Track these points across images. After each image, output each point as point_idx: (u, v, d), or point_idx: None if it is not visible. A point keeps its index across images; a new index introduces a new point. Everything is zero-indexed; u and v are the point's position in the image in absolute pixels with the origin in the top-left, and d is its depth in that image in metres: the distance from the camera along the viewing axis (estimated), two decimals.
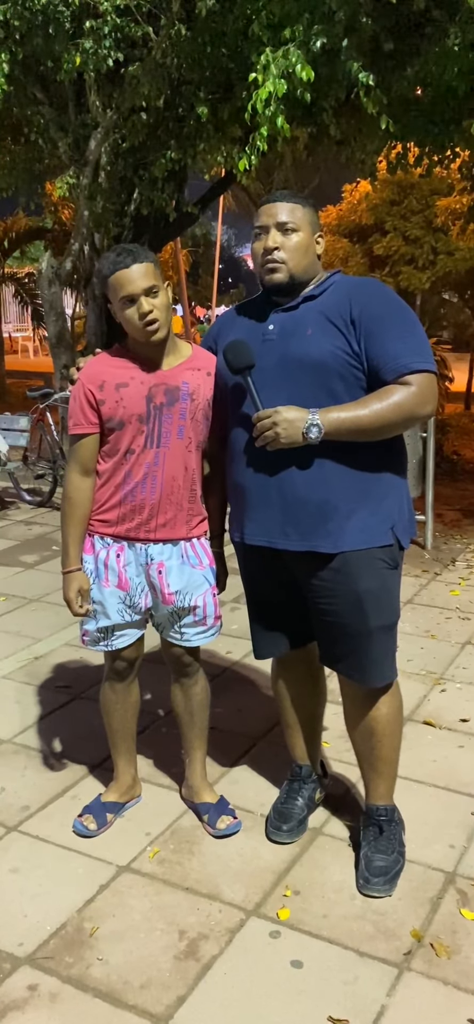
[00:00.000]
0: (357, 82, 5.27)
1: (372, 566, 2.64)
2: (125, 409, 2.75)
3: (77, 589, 2.84)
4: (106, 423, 2.78)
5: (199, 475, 2.91)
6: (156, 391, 2.76)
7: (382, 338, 2.53)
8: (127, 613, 2.91)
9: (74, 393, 2.82)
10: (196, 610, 2.91)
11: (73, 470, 2.86)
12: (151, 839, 3.00)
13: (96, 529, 2.88)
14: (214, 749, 3.44)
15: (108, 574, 2.87)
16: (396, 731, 2.84)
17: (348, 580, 2.63)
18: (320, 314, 2.60)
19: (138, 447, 2.78)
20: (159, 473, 2.80)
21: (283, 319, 2.66)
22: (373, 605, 2.66)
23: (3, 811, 3.17)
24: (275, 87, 5.03)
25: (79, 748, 3.57)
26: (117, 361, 2.82)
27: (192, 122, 7.49)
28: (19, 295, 18.55)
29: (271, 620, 2.95)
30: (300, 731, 3.10)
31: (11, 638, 4.79)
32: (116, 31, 6.69)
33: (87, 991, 2.37)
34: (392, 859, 2.78)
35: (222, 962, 2.46)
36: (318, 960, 2.46)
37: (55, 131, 8.08)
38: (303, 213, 2.66)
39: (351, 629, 2.68)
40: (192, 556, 2.90)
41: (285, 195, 2.71)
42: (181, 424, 2.79)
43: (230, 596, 5.16)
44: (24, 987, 2.38)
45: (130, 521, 2.83)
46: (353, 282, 2.71)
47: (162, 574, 2.85)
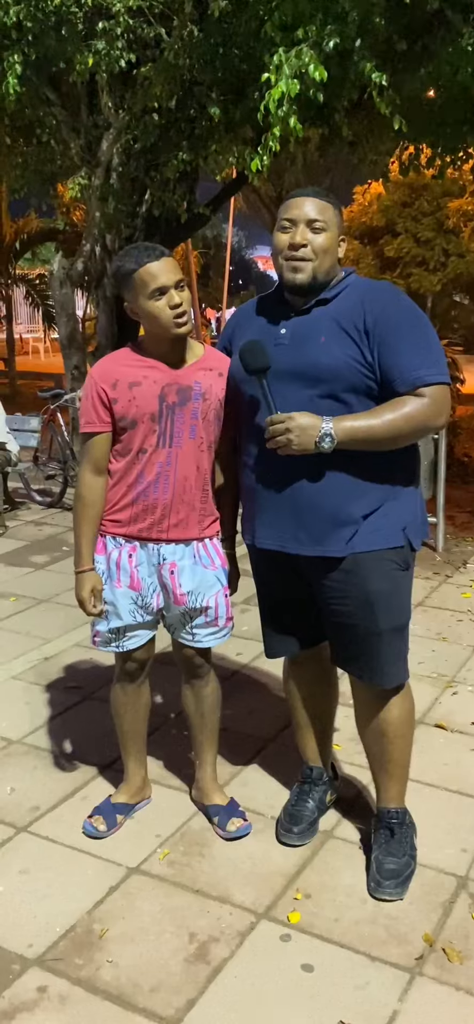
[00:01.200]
0: (370, 82, 5.25)
1: (383, 567, 2.62)
2: (138, 408, 2.74)
3: (90, 589, 2.83)
4: (119, 422, 2.78)
5: (211, 475, 2.90)
6: (168, 390, 2.75)
7: (396, 349, 2.51)
8: (139, 614, 2.90)
9: (86, 391, 2.81)
10: (208, 611, 2.89)
11: (86, 469, 2.85)
12: (161, 841, 2.99)
13: (108, 529, 2.87)
14: (225, 750, 3.43)
15: (120, 574, 2.86)
16: (407, 733, 2.82)
17: (359, 581, 2.62)
18: (333, 321, 2.57)
19: (150, 446, 2.77)
20: (171, 473, 2.79)
21: (296, 324, 2.63)
22: (384, 606, 2.64)
23: (13, 812, 3.16)
24: (288, 87, 5.01)
25: (89, 749, 3.56)
26: (130, 360, 2.81)
27: (204, 123, 7.47)
28: (30, 296, 18.59)
29: (283, 620, 2.93)
30: (312, 732, 3.09)
31: (21, 638, 4.79)
32: (128, 32, 6.68)
33: (97, 993, 2.35)
34: (403, 862, 2.76)
35: (232, 965, 2.44)
36: (329, 964, 2.44)
37: (67, 132, 8.08)
38: (333, 214, 2.64)
39: (361, 630, 2.67)
40: (204, 556, 2.89)
41: (317, 191, 2.68)
42: (193, 424, 2.78)
43: (241, 598, 5.13)
44: (34, 988, 2.37)
45: (142, 521, 2.82)
46: (367, 287, 2.67)
47: (174, 574, 2.84)
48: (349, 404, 2.53)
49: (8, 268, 17.54)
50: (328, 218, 2.61)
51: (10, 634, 4.87)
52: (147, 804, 3.17)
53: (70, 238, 15.25)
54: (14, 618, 5.13)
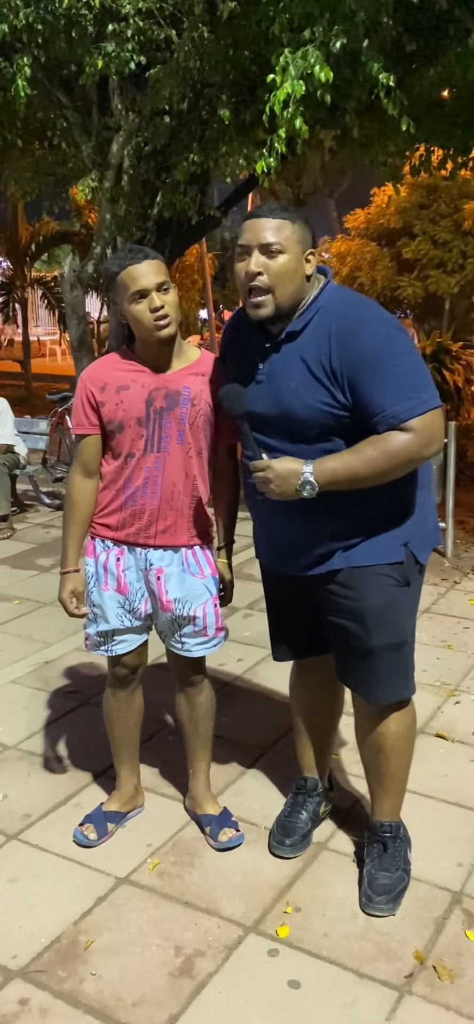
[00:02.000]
0: (377, 83, 5.19)
1: (378, 583, 2.56)
2: (125, 412, 2.71)
3: (71, 590, 2.82)
4: (107, 425, 2.75)
5: (203, 482, 2.85)
6: (156, 395, 2.72)
7: (368, 391, 2.35)
8: (126, 618, 2.86)
9: (77, 394, 2.80)
10: (196, 620, 2.85)
11: (75, 471, 2.85)
12: (152, 850, 2.95)
13: (97, 532, 2.85)
14: (220, 758, 3.39)
15: (107, 578, 2.83)
16: (405, 749, 2.76)
17: (353, 596, 2.57)
18: (302, 362, 2.44)
19: (138, 451, 2.74)
20: (159, 478, 2.75)
21: (271, 363, 2.52)
22: (377, 623, 2.57)
23: (4, 819, 3.14)
24: (293, 88, 4.97)
25: (84, 755, 3.54)
26: (121, 364, 2.79)
27: (215, 125, 7.45)
28: (46, 299, 18.66)
29: (290, 625, 2.90)
30: (310, 741, 3.04)
31: (22, 642, 4.77)
32: (139, 34, 6.67)
33: (78, 1007, 2.32)
34: (396, 877, 2.70)
35: (217, 980, 2.40)
36: (316, 981, 2.39)
37: (78, 134, 8.07)
38: (292, 231, 2.42)
39: (356, 645, 2.62)
40: (193, 564, 2.85)
41: (272, 210, 2.45)
42: (181, 429, 2.74)
43: (243, 603, 5.11)
44: (15, 1001, 2.34)
45: (130, 526, 2.80)
46: (335, 314, 2.44)
47: (161, 580, 2.81)
48: (333, 442, 2.44)
49: (24, 271, 17.62)
50: (284, 237, 2.41)
51: (12, 637, 4.85)
52: (139, 812, 3.14)
53: (85, 240, 15.28)
54: (17, 621, 5.11)
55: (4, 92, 7.02)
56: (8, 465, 7.39)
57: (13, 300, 18.33)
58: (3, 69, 6.87)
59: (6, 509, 7.18)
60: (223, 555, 2.98)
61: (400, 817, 2.82)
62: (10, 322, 19.63)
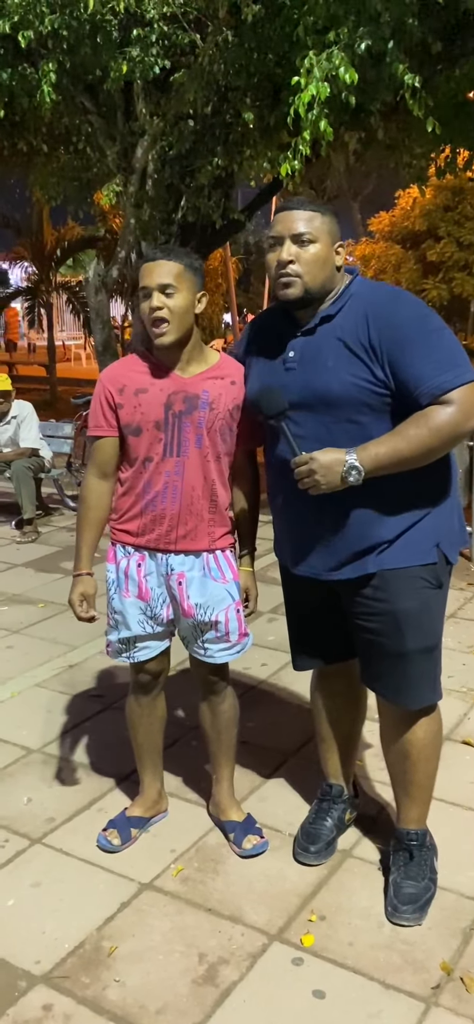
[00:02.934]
0: (403, 85, 5.17)
1: (413, 585, 2.52)
2: (142, 415, 2.70)
3: (81, 592, 2.79)
4: (124, 428, 2.74)
5: (222, 487, 2.83)
6: (175, 398, 2.70)
7: (408, 363, 2.37)
8: (148, 624, 2.85)
9: (95, 395, 2.79)
10: (217, 625, 2.82)
11: (90, 472, 2.83)
12: (176, 856, 2.94)
13: (118, 538, 2.84)
14: (245, 764, 3.37)
15: (128, 584, 2.82)
16: (432, 756, 2.72)
17: (387, 599, 2.54)
18: (339, 342, 2.46)
19: (157, 455, 2.72)
20: (179, 483, 2.74)
21: (302, 345, 2.54)
22: (412, 626, 2.54)
23: (28, 823, 3.14)
24: (318, 90, 4.96)
25: (108, 759, 3.53)
26: (140, 366, 2.77)
27: (239, 128, 7.45)
28: (71, 303, 18.76)
29: (311, 633, 2.87)
30: (334, 747, 3.01)
31: (47, 645, 4.78)
32: (163, 39, 6.69)
33: (102, 1014, 2.31)
34: (422, 886, 2.67)
35: (241, 989, 2.38)
36: (341, 991, 2.36)
37: (103, 139, 8.11)
38: (322, 222, 2.50)
39: (388, 649, 2.58)
40: (214, 569, 2.83)
41: (302, 202, 2.54)
42: (199, 433, 2.72)
43: (267, 607, 5.09)
44: (39, 1007, 2.33)
45: (151, 532, 2.78)
46: (370, 297, 2.51)
47: (182, 585, 2.79)
48: (364, 424, 2.44)
49: (49, 275, 17.72)
50: (315, 228, 2.48)
51: (36, 640, 4.87)
52: (163, 818, 3.13)
53: (110, 245, 15.36)
54: (41, 624, 5.13)
55: (30, 98, 7.08)
56: (33, 469, 7.42)
57: (38, 305, 18.46)
58: (29, 75, 6.92)
59: (31, 512, 7.21)
60: (246, 563, 2.95)
61: (426, 825, 2.79)
62: (36, 327, 19.75)
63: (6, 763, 3.54)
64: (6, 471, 7.46)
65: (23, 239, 17.77)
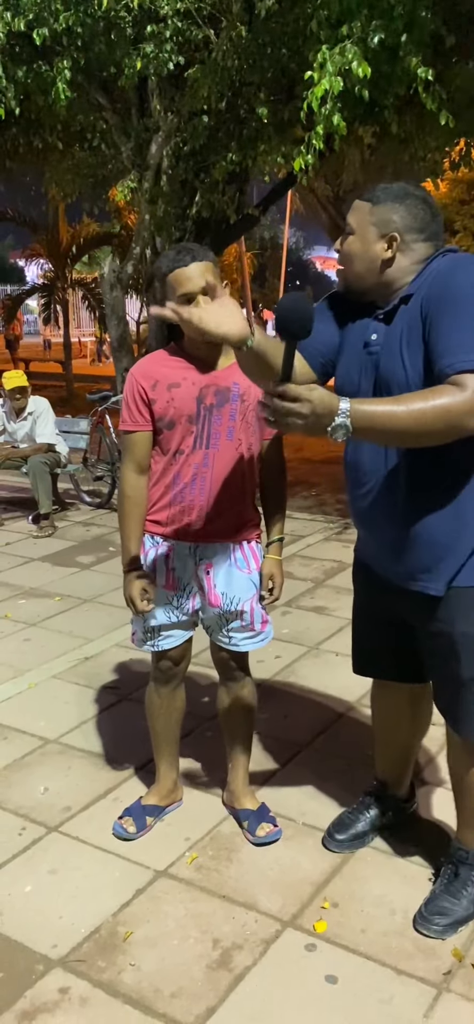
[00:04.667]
0: (416, 78, 5.17)
1: (471, 607, 2.39)
2: (176, 409, 2.73)
3: (141, 588, 2.80)
4: (157, 422, 2.77)
5: (251, 478, 2.86)
6: (206, 392, 2.74)
7: (438, 327, 2.17)
8: (174, 614, 2.88)
9: (127, 390, 2.81)
10: (243, 615, 2.86)
11: (128, 468, 2.84)
12: (190, 844, 2.97)
13: (147, 528, 2.87)
14: (258, 754, 3.40)
15: (156, 574, 2.85)
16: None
17: (445, 621, 2.41)
18: (409, 325, 2.29)
19: (187, 448, 2.76)
20: (208, 474, 2.77)
21: (382, 328, 2.37)
22: (468, 652, 2.41)
23: (45, 811, 3.18)
24: (331, 85, 4.97)
25: (123, 750, 3.57)
26: (170, 361, 2.81)
27: (253, 123, 7.47)
28: (87, 300, 18.84)
29: (374, 641, 2.78)
30: (387, 750, 2.98)
31: (63, 638, 4.83)
32: (177, 35, 6.71)
33: (117, 997, 2.34)
34: (460, 906, 2.56)
35: (255, 974, 2.41)
36: (353, 976, 2.39)
37: (118, 136, 8.15)
38: (367, 213, 2.36)
39: (447, 673, 2.49)
40: (240, 560, 2.86)
41: (366, 191, 2.41)
42: (231, 425, 2.76)
43: (281, 600, 5.08)
44: (55, 990, 2.37)
45: (179, 522, 2.82)
46: (440, 265, 2.30)
47: (210, 575, 2.83)
48: None
49: (65, 272, 17.80)
50: (356, 220, 2.38)
51: (53, 633, 4.92)
52: (178, 807, 3.16)
53: (125, 241, 15.41)
54: (58, 617, 5.17)
55: (45, 95, 7.12)
56: (50, 464, 7.47)
57: (54, 302, 18.55)
58: (44, 73, 6.96)
59: (48, 507, 7.26)
60: (272, 550, 2.94)
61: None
62: (51, 323, 19.85)
63: (23, 753, 3.59)
64: (23, 467, 7.52)
65: (39, 236, 17.87)
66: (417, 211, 2.35)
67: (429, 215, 2.37)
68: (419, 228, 2.35)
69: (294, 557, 5.94)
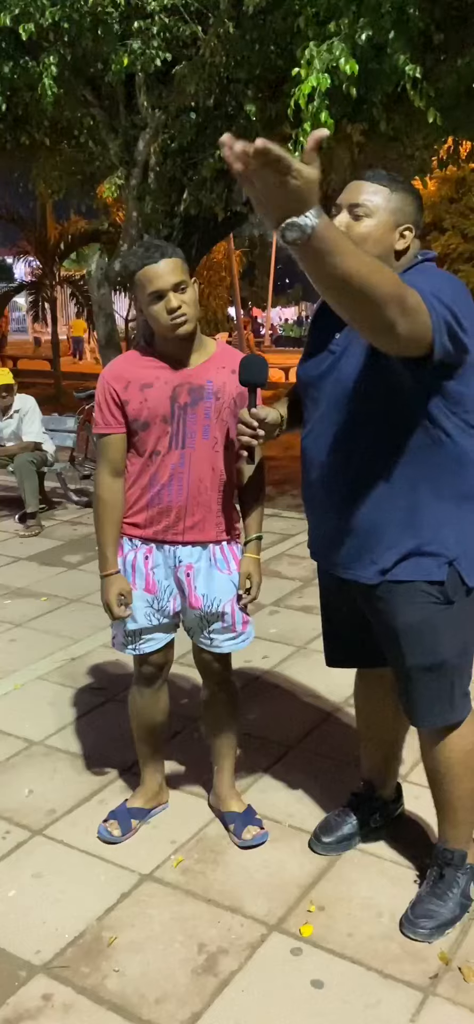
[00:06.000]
0: (404, 75, 5.15)
1: (414, 600, 2.39)
2: (149, 410, 2.71)
3: (117, 592, 2.78)
4: (131, 423, 2.75)
5: (229, 476, 2.84)
6: (180, 391, 2.71)
7: None
8: (154, 616, 2.86)
9: (98, 393, 2.79)
10: (224, 616, 2.84)
11: (104, 471, 2.81)
12: (176, 847, 2.95)
13: (125, 531, 2.84)
14: (245, 756, 3.38)
15: (135, 577, 2.83)
16: (464, 775, 2.54)
17: (388, 613, 2.44)
18: None
19: (163, 448, 2.73)
20: (185, 475, 2.74)
21: (347, 329, 2.36)
22: (411, 643, 2.42)
23: (30, 814, 3.15)
24: (318, 81, 4.95)
25: (109, 751, 3.54)
26: (142, 361, 2.78)
27: (241, 121, 7.44)
28: (75, 297, 18.78)
29: (339, 631, 2.79)
30: (372, 748, 2.96)
31: (50, 638, 4.80)
32: (164, 31, 6.69)
33: (101, 1003, 2.32)
34: (446, 908, 2.54)
35: (240, 978, 2.39)
36: (340, 981, 2.37)
37: (105, 132, 8.11)
38: (385, 198, 2.27)
39: (395, 663, 2.51)
40: (220, 560, 2.84)
41: (375, 175, 2.31)
42: (206, 424, 2.73)
43: (269, 599, 5.10)
44: (38, 996, 2.34)
45: (158, 524, 2.79)
46: (412, 278, 2.15)
47: (190, 576, 2.80)
48: (377, 418, 2.32)
49: (53, 269, 17.74)
50: (373, 202, 2.27)
51: (39, 634, 4.88)
52: (164, 809, 3.14)
53: (113, 238, 15.33)
54: (44, 617, 5.14)
55: (31, 91, 7.08)
56: (36, 463, 7.43)
57: (42, 299, 18.48)
58: (30, 68, 6.92)
59: (35, 506, 7.22)
60: (250, 549, 2.91)
61: (468, 847, 2.62)
62: (40, 321, 19.78)
63: (8, 755, 3.56)
64: (9, 465, 7.47)
65: (27, 233, 17.79)
66: (418, 204, 2.37)
67: (421, 208, 2.39)
68: (419, 222, 2.35)
69: (283, 556, 5.92)
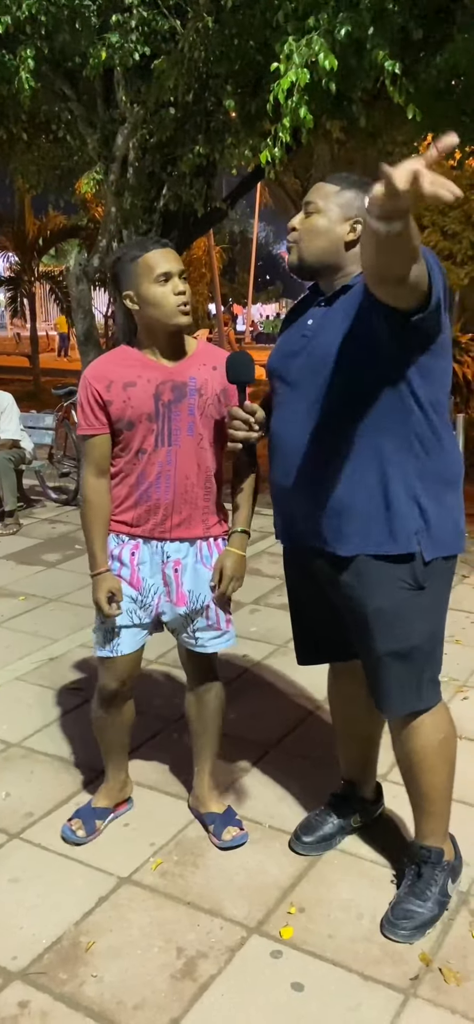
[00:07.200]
0: (383, 71, 5.13)
1: (388, 584, 2.40)
2: (133, 409, 2.69)
3: (108, 589, 2.74)
4: (115, 423, 2.72)
5: (217, 472, 2.83)
6: (163, 388, 2.69)
7: None
8: (136, 614, 2.82)
9: (81, 394, 2.76)
10: (208, 611, 2.82)
11: (89, 472, 2.79)
12: (155, 849, 2.92)
13: (112, 528, 2.82)
14: (225, 756, 3.35)
15: (121, 570, 2.80)
16: (437, 766, 2.54)
17: (358, 598, 2.44)
18: (348, 307, 2.37)
19: (149, 446, 2.71)
20: (172, 472, 2.73)
21: (322, 315, 2.48)
22: (382, 628, 2.42)
23: (6, 817, 3.11)
24: (298, 77, 4.92)
25: (87, 753, 3.50)
26: (124, 360, 2.76)
27: (220, 116, 7.41)
28: (54, 293, 18.66)
29: (309, 626, 2.78)
30: (349, 746, 2.95)
31: (28, 638, 4.74)
32: (143, 25, 6.63)
33: (79, 1010, 2.29)
34: (425, 907, 2.53)
35: (219, 983, 2.36)
36: (320, 983, 2.35)
37: (83, 127, 8.04)
38: (335, 195, 2.44)
39: (364, 649, 2.50)
40: (207, 556, 2.82)
41: (334, 177, 2.52)
42: (190, 421, 2.71)
43: (249, 598, 5.07)
44: (15, 1003, 2.31)
45: (146, 521, 2.77)
46: None
47: (178, 572, 2.78)
48: (354, 395, 2.34)
49: (31, 265, 17.62)
50: (323, 199, 2.44)
51: (17, 634, 4.83)
52: (129, 809, 3.11)
53: (93, 234, 15.26)
54: (22, 617, 5.09)
55: (8, 85, 7.00)
56: (14, 460, 7.36)
57: (21, 295, 18.34)
58: (7, 62, 6.84)
59: (12, 504, 7.16)
60: (233, 541, 2.83)
61: (444, 843, 2.63)
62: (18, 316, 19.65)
63: None
64: None
65: (5, 228, 17.66)
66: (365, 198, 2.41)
67: None
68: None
69: (263, 554, 5.89)
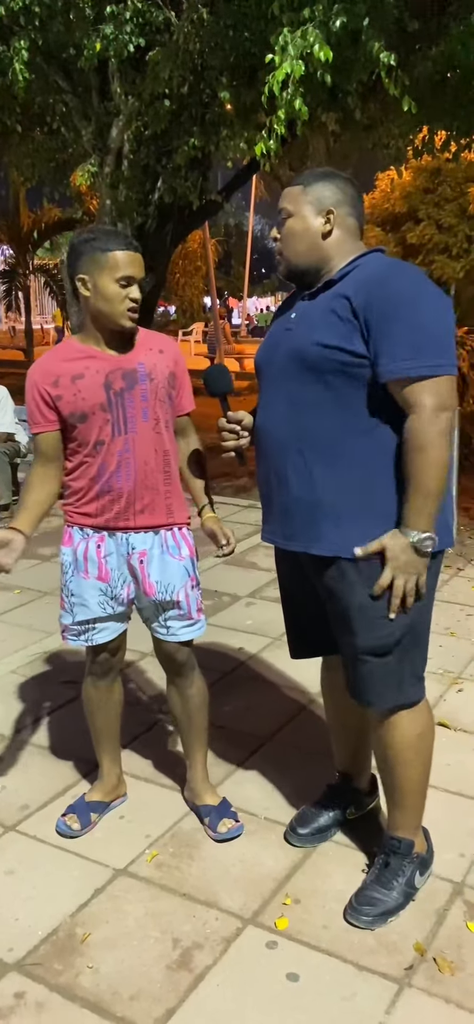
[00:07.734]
0: (378, 63, 5.13)
1: (371, 581, 2.36)
2: (85, 400, 2.69)
3: (1, 536, 2.74)
4: (68, 418, 2.72)
5: (174, 455, 2.85)
6: (113, 377, 2.71)
7: (381, 334, 2.25)
8: (108, 605, 2.83)
9: (27, 393, 2.77)
10: (179, 603, 2.83)
11: (35, 463, 2.84)
12: (150, 842, 2.92)
13: (76, 520, 2.82)
14: (220, 748, 3.36)
15: (88, 565, 2.80)
16: (414, 761, 2.54)
17: (341, 593, 2.42)
18: (330, 305, 2.36)
19: (107, 437, 2.72)
20: (131, 459, 2.74)
21: (303, 309, 2.48)
22: (364, 624, 2.40)
23: (2, 810, 3.11)
24: (292, 68, 4.91)
25: (82, 745, 3.49)
26: (70, 353, 2.77)
27: (215, 108, 7.39)
28: (49, 286, 18.62)
29: (300, 620, 2.78)
30: (342, 739, 2.94)
31: (22, 632, 4.74)
32: (137, 16, 6.62)
33: (75, 1000, 2.29)
34: (390, 896, 2.54)
35: (215, 973, 2.37)
36: (315, 974, 2.36)
37: (78, 119, 8.03)
38: (300, 192, 2.45)
39: (345, 643, 2.50)
40: (173, 546, 2.83)
41: (293, 179, 2.51)
42: (144, 407, 2.74)
43: (245, 591, 5.08)
44: (10, 995, 2.31)
45: (109, 512, 2.78)
46: (373, 266, 2.39)
47: (144, 563, 2.79)
48: (337, 388, 2.34)
49: (26, 258, 17.57)
50: (291, 202, 2.47)
51: (12, 627, 4.83)
52: (123, 802, 3.11)
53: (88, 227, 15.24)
54: (17, 611, 5.08)
55: (2, 76, 6.98)
56: (9, 454, 7.35)
57: (15, 288, 18.30)
58: (1, 53, 6.82)
59: (7, 498, 7.15)
60: (207, 512, 2.90)
61: (416, 836, 2.63)
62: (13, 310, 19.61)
63: None
64: None
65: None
66: (345, 187, 2.49)
67: (355, 192, 2.51)
68: (350, 203, 2.48)
69: (258, 548, 5.86)
